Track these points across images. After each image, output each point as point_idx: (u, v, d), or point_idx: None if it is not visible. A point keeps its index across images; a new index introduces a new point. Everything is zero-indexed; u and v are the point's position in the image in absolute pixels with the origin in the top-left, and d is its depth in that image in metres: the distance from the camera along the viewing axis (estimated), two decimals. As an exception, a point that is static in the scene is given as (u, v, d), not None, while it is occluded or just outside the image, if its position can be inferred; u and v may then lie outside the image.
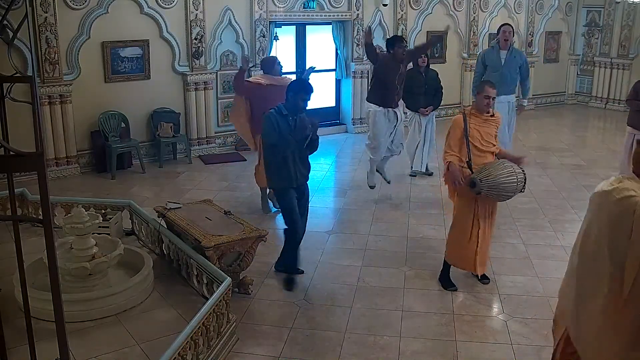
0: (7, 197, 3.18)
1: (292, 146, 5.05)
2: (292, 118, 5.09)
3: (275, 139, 5.01)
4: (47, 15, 8.01)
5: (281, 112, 5.08)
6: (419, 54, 8.14)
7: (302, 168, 5.21)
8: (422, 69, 8.27)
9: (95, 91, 8.68)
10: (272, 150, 5.12)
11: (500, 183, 4.82)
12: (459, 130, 5.00)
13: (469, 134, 4.96)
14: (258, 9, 9.87)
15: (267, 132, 5.08)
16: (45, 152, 5.11)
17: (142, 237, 6.01)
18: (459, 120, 5.06)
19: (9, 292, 4.65)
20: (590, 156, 9.97)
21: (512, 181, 4.85)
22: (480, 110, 5.08)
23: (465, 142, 4.97)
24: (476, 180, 4.82)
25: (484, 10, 12.78)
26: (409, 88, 7.99)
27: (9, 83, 2.84)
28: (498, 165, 4.91)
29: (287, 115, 5.08)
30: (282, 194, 5.24)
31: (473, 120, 5.03)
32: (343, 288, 5.29)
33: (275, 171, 5.20)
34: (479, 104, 5.08)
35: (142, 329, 4.47)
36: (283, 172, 5.12)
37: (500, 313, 4.90)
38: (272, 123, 5.02)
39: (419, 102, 8.28)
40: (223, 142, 10.08)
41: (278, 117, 5.04)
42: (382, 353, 4.33)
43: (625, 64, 13.65)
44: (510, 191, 4.90)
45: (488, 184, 4.82)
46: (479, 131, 5.02)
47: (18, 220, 2.88)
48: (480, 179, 4.81)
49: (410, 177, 8.60)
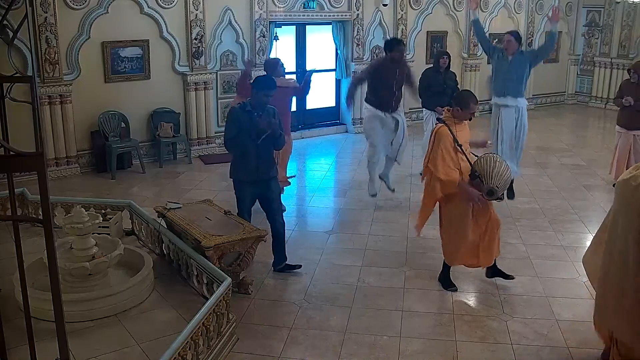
0: (7, 197, 3.18)
1: (252, 141, 5.19)
2: (256, 114, 5.21)
3: (234, 133, 5.22)
4: (47, 15, 8.01)
5: (245, 107, 5.23)
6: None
7: (262, 163, 5.33)
8: (442, 69, 8.28)
9: (95, 91, 8.68)
10: (230, 142, 5.32)
11: (506, 179, 4.84)
12: (450, 144, 4.86)
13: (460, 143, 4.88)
14: (258, 9, 9.88)
15: (227, 124, 5.40)
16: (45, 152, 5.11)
17: (142, 237, 6.01)
18: (445, 132, 4.88)
19: (9, 292, 4.65)
20: (590, 156, 9.97)
21: (508, 171, 4.90)
22: (462, 118, 5.02)
23: (459, 152, 4.87)
24: (494, 188, 4.73)
25: (484, 10, 12.77)
26: (427, 87, 8.03)
27: (9, 83, 2.84)
28: (492, 164, 4.82)
29: (250, 110, 5.21)
30: (237, 184, 5.48)
31: (454, 128, 4.94)
32: (343, 288, 5.29)
33: (235, 163, 5.43)
34: (462, 116, 4.99)
35: (142, 329, 4.47)
36: (242, 165, 5.33)
37: (500, 313, 4.90)
38: (234, 117, 5.25)
39: (437, 102, 8.20)
40: (223, 142, 10.06)
41: (240, 112, 5.22)
42: (382, 353, 4.32)
43: (625, 64, 13.62)
44: (510, 180, 5.00)
45: (502, 186, 4.81)
46: (461, 135, 4.97)
47: (18, 220, 2.88)
48: (497, 186, 4.74)
49: (412, 177, 8.59)
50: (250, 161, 5.28)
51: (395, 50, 7.15)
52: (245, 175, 5.36)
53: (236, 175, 5.46)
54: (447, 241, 5.19)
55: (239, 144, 5.25)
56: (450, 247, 5.18)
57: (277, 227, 5.51)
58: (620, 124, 7.99)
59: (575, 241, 6.42)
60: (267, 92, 5.23)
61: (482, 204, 4.85)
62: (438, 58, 8.38)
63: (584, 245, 6.38)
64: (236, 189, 5.53)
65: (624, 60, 13.65)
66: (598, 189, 8.24)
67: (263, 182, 5.41)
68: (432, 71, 8.31)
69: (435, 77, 8.20)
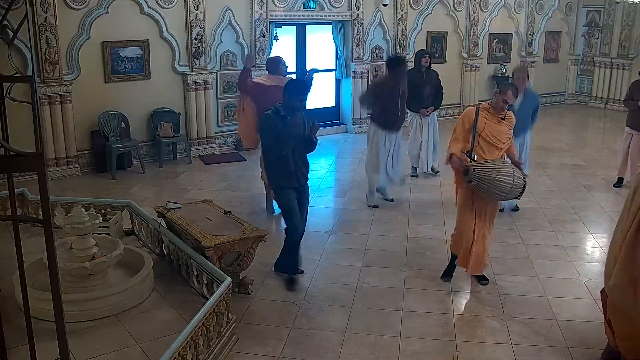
0: (7, 197, 3.18)
1: (290, 146, 5.05)
2: (290, 118, 5.09)
3: (273, 140, 5.03)
4: (47, 15, 8.01)
5: (279, 112, 5.07)
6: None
7: (302, 168, 5.23)
8: (424, 68, 8.26)
9: (95, 91, 8.68)
10: (270, 150, 5.15)
11: (494, 179, 4.79)
12: (468, 123, 5.05)
13: (478, 127, 5.00)
14: (258, 9, 9.88)
15: (264, 132, 5.11)
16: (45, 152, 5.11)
17: (142, 237, 6.01)
18: (470, 112, 5.12)
19: (9, 292, 4.65)
20: (590, 156, 9.97)
21: (507, 181, 4.81)
22: (495, 109, 5.08)
23: (472, 134, 5.00)
24: (470, 169, 4.85)
25: (484, 10, 12.78)
26: (410, 88, 7.94)
27: (9, 83, 2.84)
28: (499, 162, 4.94)
29: (284, 115, 5.06)
30: (281, 193, 5.23)
31: (486, 115, 5.05)
32: (343, 288, 5.29)
33: (275, 171, 5.21)
34: (496, 103, 5.07)
35: (142, 329, 4.47)
36: (283, 171, 5.12)
37: (501, 313, 4.89)
38: (270, 124, 5.03)
39: (420, 103, 8.26)
40: (223, 142, 10.08)
41: (275, 118, 5.04)
42: (382, 353, 4.32)
43: (625, 64, 13.65)
44: (503, 191, 4.84)
45: (481, 175, 4.81)
46: (490, 127, 5.02)
47: (18, 220, 2.88)
48: (474, 169, 4.84)
49: (411, 177, 8.59)
50: (291, 167, 5.10)
51: (398, 70, 7.11)
52: (290, 181, 5.15)
53: (279, 182, 5.21)
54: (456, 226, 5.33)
55: (278, 151, 5.04)
56: (454, 234, 5.33)
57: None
58: (630, 125, 7.92)
59: (575, 241, 6.42)
60: (301, 96, 5.11)
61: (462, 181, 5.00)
62: (420, 58, 8.35)
63: (584, 245, 6.41)
64: (281, 197, 5.26)
65: (624, 60, 13.66)
66: (598, 189, 8.24)
67: (302, 187, 5.28)
68: (414, 71, 8.25)
69: (417, 78, 8.17)
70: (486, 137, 5.00)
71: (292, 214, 5.19)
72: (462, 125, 5.09)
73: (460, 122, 5.14)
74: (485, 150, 5.02)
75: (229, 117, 10.01)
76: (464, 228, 5.15)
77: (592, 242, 6.46)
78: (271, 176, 5.33)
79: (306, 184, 5.34)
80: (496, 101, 5.07)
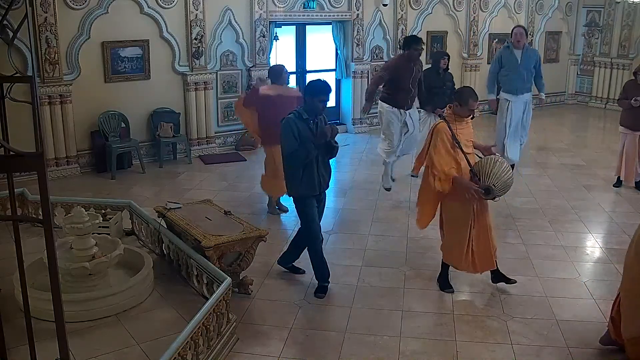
0: (7, 197, 3.18)
1: (314, 151, 4.86)
2: (312, 122, 4.92)
3: (296, 146, 4.81)
4: (47, 15, 8.01)
5: (301, 116, 4.89)
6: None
7: (324, 174, 5.06)
8: (442, 70, 8.28)
9: (95, 91, 8.68)
10: (292, 157, 4.89)
11: (505, 181, 4.78)
12: (448, 140, 4.83)
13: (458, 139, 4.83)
14: (258, 9, 9.87)
15: (286, 137, 4.85)
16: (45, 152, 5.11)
17: (142, 237, 6.01)
18: (444, 128, 4.86)
19: (9, 292, 4.65)
20: (590, 156, 9.97)
21: (510, 176, 4.86)
22: (463, 115, 4.97)
23: (457, 149, 4.83)
24: (491, 187, 4.72)
25: (484, 10, 12.78)
26: (427, 89, 7.99)
27: (9, 83, 2.84)
28: (492, 164, 4.82)
29: (307, 119, 4.89)
30: (303, 202, 5.03)
31: (455, 125, 4.90)
32: (343, 288, 5.29)
33: (296, 179, 4.96)
34: (461, 113, 4.94)
35: (142, 329, 4.47)
36: (305, 179, 4.92)
37: (500, 313, 4.89)
38: (292, 129, 4.82)
39: (436, 103, 8.21)
40: (223, 142, 10.08)
41: (298, 122, 4.85)
42: (382, 353, 4.32)
43: (625, 64, 13.64)
44: (511, 185, 4.89)
45: (499, 187, 4.76)
46: (462, 134, 4.92)
47: (18, 220, 2.89)
48: (494, 185, 4.72)
49: (412, 177, 8.59)
50: (314, 173, 4.92)
51: (413, 49, 7.19)
52: (311, 189, 4.96)
53: (303, 191, 4.99)
54: (446, 239, 5.18)
55: (303, 157, 4.83)
56: (447, 245, 5.17)
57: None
58: (625, 124, 7.94)
59: (575, 241, 6.42)
60: (323, 96, 4.88)
61: (477, 198, 4.80)
62: (438, 59, 8.40)
63: (584, 245, 6.41)
64: (302, 206, 5.04)
65: (624, 60, 13.65)
66: (598, 189, 8.24)
67: (323, 194, 5.16)
68: (432, 72, 8.30)
69: (435, 78, 8.21)
70: (464, 148, 4.87)
71: (313, 223, 5.05)
72: (444, 144, 4.81)
73: (440, 141, 4.81)
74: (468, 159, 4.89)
75: (229, 117, 10.02)
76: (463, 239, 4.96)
77: (592, 242, 6.46)
78: (292, 184, 5.02)
79: (326, 190, 5.21)
80: (461, 111, 4.93)
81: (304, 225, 5.14)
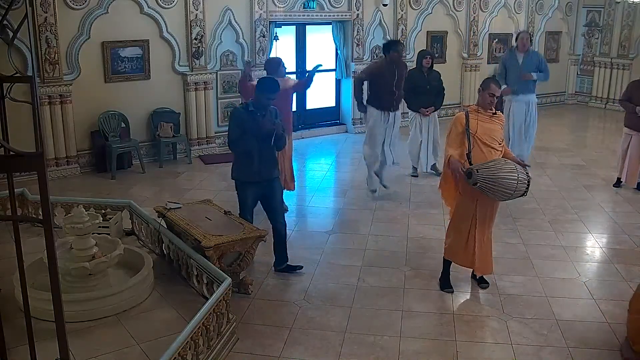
0: (7, 197, 3.18)
1: (256, 141, 5.17)
2: (259, 114, 5.20)
3: (237, 134, 5.18)
4: (47, 15, 8.01)
5: (247, 107, 5.23)
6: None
7: (264, 164, 5.30)
8: (425, 69, 8.28)
9: (95, 91, 8.68)
10: (232, 144, 5.28)
11: (498, 177, 4.69)
12: (460, 127, 4.97)
13: (472, 129, 4.91)
14: (258, 9, 9.87)
15: (231, 127, 5.28)
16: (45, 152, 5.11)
17: (142, 237, 6.01)
18: (460, 117, 5.05)
19: (9, 292, 4.65)
20: (590, 156, 9.97)
21: (512, 178, 4.71)
22: (484, 107, 5.02)
23: (466, 138, 4.92)
24: (473, 170, 4.73)
25: (484, 10, 12.78)
26: (411, 88, 8.02)
27: (9, 83, 2.84)
28: (500, 161, 4.84)
29: (253, 111, 5.20)
30: (240, 186, 5.43)
31: (477, 116, 4.98)
32: (343, 288, 5.29)
33: (237, 164, 5.40)
34: (483, 100, 5.01)
35: (142, 329, 4.47)
36: (245, 166, 5.28)
37: (500, 313, 4.89)
38: (237, 118, 5.23)
39: (421, 102, 8.29)
40: (223, 142, 10.04)
41: (243, 113, 5.22)
42: (382, 353, 4.32)
43: (625, 64, 13.64)
44: (510, 189, 4.72)
45: (485, 177, 4.70)
46: (483, 127, 4.94)
47: (18, 220, 2.88)
48: (478, 170, 4.73)
49: (412, 177, 8.59)
50: (253, 162, 5.22)
51: (393, 52, 7.24)
52: (248, 176, 5.31)
53: (238, 176, 5.42)
54: (448, 233, 5.27)
55: (242, 145, 5.21)
56: (448, 239, 5.27)
57: (279, 228, 5.49)
58: (629, 125, 7.89)
59: (575, 241, 6.42)
60: (270, 95, 5.19)
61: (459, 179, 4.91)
62: (421, 58, 8.41)
63: (584, 245, 6.41)
64: (238, 190, 5.48)
65: (624, 60, 13.65)
66: (598, 189, 8.24)
67: (266, 183, 5.37)
68: (416, 71, 8.33)
69: (419, 77, 8.23)
70: (481, 139, 4.91)
71: (243, 208, 5.44)
72: (456, 130, 4.99)
73: (453, 127, 5.02)
74: (485, 153, 4.91)
75: (229, 117, 10.00)
76: (463, 235, 5.05)
77: (592, 242, 6.46)
78: (233, 168, 5.47)
79: (273, 180, 5.42)
80: (482, 98, 5.02)
81: (240, 206, 5.49)
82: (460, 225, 5.08)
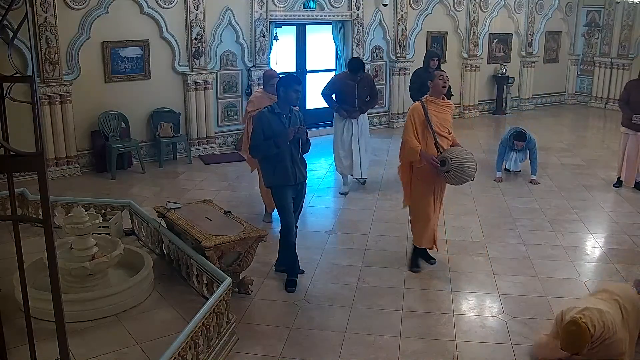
0: (7, 197, 3.18)
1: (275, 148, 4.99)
2: (285, 116, 5.11)
3: (260, 140, 5.00)
4: (47, 15, 8.01)
5: (274, 110, 5.09)
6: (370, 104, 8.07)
7: (300, 166, 5.20)
8: (431, 69, 8.33)
9: (95, 91, 8.68)
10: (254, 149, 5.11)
11: (465, 165, 5.17)
12: (419, 117, 5.26)
13: (431, 120, 5.25)
14: (258, 9, 9.87)
15: (255, 131, 5.09)
16: (45, 152, 5.11)
17: (142, 237, 6.01)
18: (417, 108, 5.30)
19: (9, 292, 4.65)
20: (590, 156, 9.97)
21: (472, 166, 5.23)
22: (438, 94, 5.37)
23: (428, 128, 5.24)
24: (447, 159, 5.16)
25: (484, 10, 12.78)
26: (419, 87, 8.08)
27: (9, 83, 2.84)
28: (462, 150, 5.28)
29: (279, 113, 5.08)
30: (278, 191, 5.17)
31: (431, 106, 5.31)
32: (343, 288, 5.29)
33: (270, 170, 5.15)
34: (436, 87, 5.36)
35: (142, 329, 4.47)
36: (279, 171, 5.08)
37: (500, 313, 4.90)
38: (262, 123, 5.03)
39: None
40: (223, 142, 10.08)
41: (270, 116, 5.06)
42: (382, 353, 4.32)
43: (625, 64, 13.64)
44: (469, 175, 5.22)
45: (456, 164, 5.15)
46: (436, 117, 5.30)
47: (18, 220, 2.88)
48: (451, 159, 5.16)
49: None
50: (287, 165, 5.06)
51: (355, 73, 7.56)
52: (285, 179, 5.10)
53: (276, 181, 5.14)
54: (414, 222, 5.60)
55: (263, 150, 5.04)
56: (417, 228, 5.57)
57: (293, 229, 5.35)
58: (627, 125, 7.90)
59: (575, 241, 6.42)
60: (296, 86, 5.06)
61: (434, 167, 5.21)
62: (428, 59, 8.66)
63: (584, 245, 6.41)
64: (277, 196, 5.19)
65: (624, 60, 13.65)
66: (598, 189, 8.24)
67: (300, 185, 5.25)
68: (423, 71, 8.50)
69: (426, 77, 8.27)
70: (436, 129, 5.27)
71: (286, 214, 5.18)
72: (413, 123, 5.27)
73: (410, 120, 5.30)
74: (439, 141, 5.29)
75: (229, 117, 10.02)
76: (429, 217, 5.46)
77: (592, 242, 6.46)
78: (266, 175, 5.21)
79: (304, 182, 5.31)
80: (434, 86, 5.37)
81: (279, 215, 5.29)
82: (427, 209, 5.46)
